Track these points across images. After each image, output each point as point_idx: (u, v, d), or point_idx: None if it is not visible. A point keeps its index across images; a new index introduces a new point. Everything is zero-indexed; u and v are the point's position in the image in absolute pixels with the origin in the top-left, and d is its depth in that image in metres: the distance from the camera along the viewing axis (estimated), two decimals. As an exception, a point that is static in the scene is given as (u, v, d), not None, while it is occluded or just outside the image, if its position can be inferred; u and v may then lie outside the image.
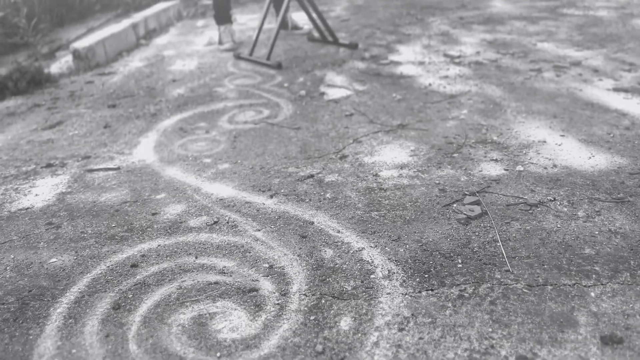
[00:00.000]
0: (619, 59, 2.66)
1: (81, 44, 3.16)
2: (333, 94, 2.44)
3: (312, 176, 1.66)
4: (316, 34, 3.60)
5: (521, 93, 2.28)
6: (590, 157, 1.66)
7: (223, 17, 3.49)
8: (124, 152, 1.94)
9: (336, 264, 1.22)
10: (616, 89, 2.24)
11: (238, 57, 3.19)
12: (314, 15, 3.23)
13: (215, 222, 1.43)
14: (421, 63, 2.84)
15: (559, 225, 1.32)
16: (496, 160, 1.68)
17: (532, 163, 1.65)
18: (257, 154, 1.85)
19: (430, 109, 2.18)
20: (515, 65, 2.68)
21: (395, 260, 1.22)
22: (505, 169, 1.62)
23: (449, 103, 2.23)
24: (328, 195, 1.54)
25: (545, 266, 1.17)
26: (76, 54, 3.13)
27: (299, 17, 4.01)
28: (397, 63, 2.87)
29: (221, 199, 1.55)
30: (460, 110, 2.13)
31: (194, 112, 2.30)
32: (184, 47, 3.58)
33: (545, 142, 1.80)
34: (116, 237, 1.39)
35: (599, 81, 2.37)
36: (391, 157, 1.76)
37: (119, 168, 1.80)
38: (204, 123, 2.18)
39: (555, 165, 1.63)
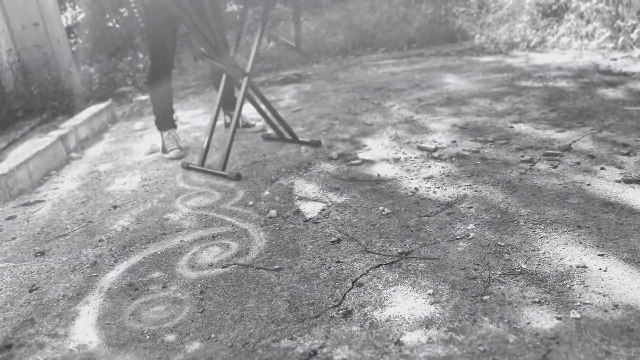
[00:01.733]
0: (609, 140, 2.46)
1: (-1, 170, 2.68)
2: (309, 211, 2.09)
3: (314, 354, 1.26)
4: (270, 130, 3.29)
5: (525, 194, 2.00)
6: (651, 287, 1.36)
7: (165, 122, 3.12)
8: (57, 332, 1.47)
9: None
10: (628, 181, 2.00)
11: (187, 167, 2.80)
12: (265, 109, 2.91)
13: None
14: (396, 160, 2.56)
15: (674, 418, 0.97)
16: (540, 303, 1.35)
17: (586, 303, 1.33)
18: (234, 319, 1.44)
19: (430, 225, 1.85)
20: (502, 155, 2.44)
21: None
22: (558, 317, 1.29)
23: (448, 215, 1.91)
24: (345, 387, 1.14)
25: None
26: (-7, 183, 2.64)
27: (247, 110, 3.70)
28: (370, 162, 2.57)
29: (200, 414, 1.12)
30: (466, 225, 1.82)
31: (144, 256, 1.87)
32: (123, 158, 3.16)
33: (585, 267, 1.49)
34: None
35: (601, 170, 2.14)
36: (408, 308, 1.40)
37: (51, 365, 1.34)
38: (158, 272, 1.75)
39: (616, 306, 1.31)
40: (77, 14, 13.65)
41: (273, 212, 2.10)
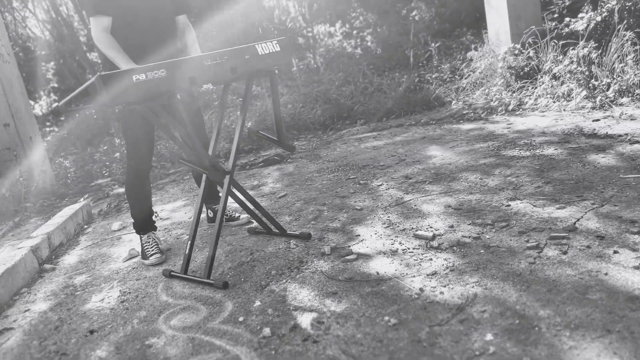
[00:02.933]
0: (613, 215, 2.35)
1: (-37, 296, 2.46)
2: (306, 325, 1.90)
3: None
4: (254, 223, 3.13)
5: (540, 290, 1.84)
6: None
7: (144, 226, 2.95)
8: None
9: None
10: (646, 267, 1.86)
11: (170, 275, 2.60)
12: (248, 202, 2.75)
13: None
14: (394, 253, 2.40)
15: None
16: None
17: None
18: None
19: (443, 337, 1.67)
20: (505, 241, 2.30)
21: None
22: None
23: (461, 322, 1.74)
24: None
25: None
26: (-43, 312, 2.41)
27: (230, 200, 3.55)
28: (366, 256, 2.41)
29: None
30: (483, 336, 1.64)
31: (125, 401, 1.65)
32: (100, 267, 2.95)
33: (629, 387, 1.32)
34: None
35: (615, 255, 2.00)
36: None
37: None
38: (142, 423, 1.52)
39: None
40: (51, 101, 13.67)
41: (267, 331, 1.90)
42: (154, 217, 3.05)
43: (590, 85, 4.69)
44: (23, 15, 11.00)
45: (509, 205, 2.69)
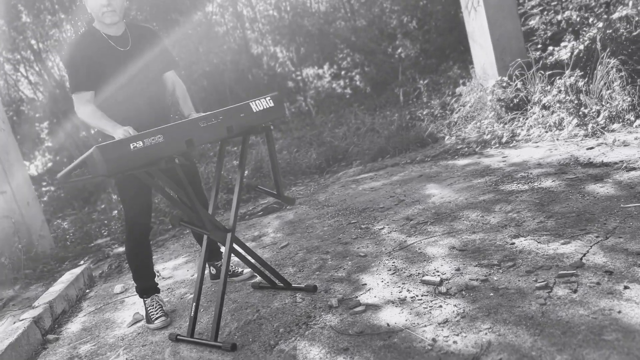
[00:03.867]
0: (619, 248, 2.34)
1: (-34, 377, 2.40)
2: (320, 387, 1.85)
3: None
4: (258, 277, 3.09)
5: (554, 334, 1.82)
6: None
7: (147, 289, 2.91)
8: None
9: None
10: (659, 302, 1.84)
11: (176, 339, 2.55)
12: (250, 257, 2.73)
13: None
14: (402, 301, 2.37)
15: None
16: None
17: None
18: None
19: (461, 392, 1.64)
20: (514, 282, 2.27)
21: None
22: None
23: (478, 374, 1.70)
24: None
25: None
26: (-40, 394, 2.35)
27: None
28: (375, 307, 2.38)
29: None
30: (502, 387, 1.61)
31: None
32: (104, 334, 2.90)
33: None
34: None
35: (626, 290, 1.98)
36: None
37: None
38: None
39: None
40: (46, 161, 13.70)
41: (280, 395, 1.86)
42: (156, 279, 3.02)
43: (580, 113, 4.75)
44: (15, 79, 11.16)
45: (514, 243, 2.68)
